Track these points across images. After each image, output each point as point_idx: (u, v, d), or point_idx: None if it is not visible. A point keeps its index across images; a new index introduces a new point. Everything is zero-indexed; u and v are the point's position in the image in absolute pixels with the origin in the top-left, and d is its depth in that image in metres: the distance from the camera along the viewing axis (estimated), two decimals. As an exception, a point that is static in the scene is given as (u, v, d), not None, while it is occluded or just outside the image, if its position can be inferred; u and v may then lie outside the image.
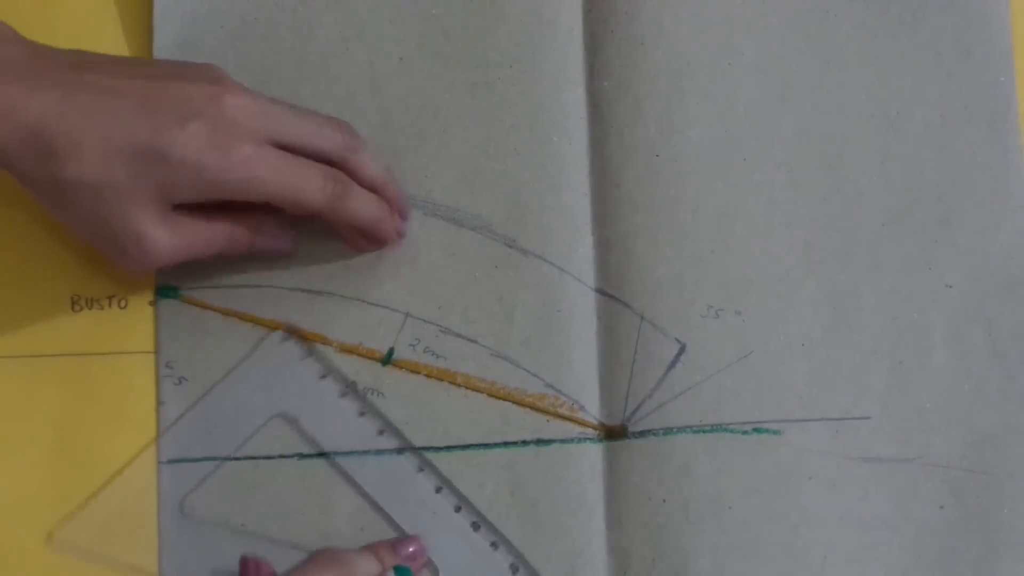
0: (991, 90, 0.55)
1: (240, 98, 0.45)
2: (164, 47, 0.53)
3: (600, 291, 0.53)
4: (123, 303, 0.51)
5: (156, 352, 0.51)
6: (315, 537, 0.50)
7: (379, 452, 0.51)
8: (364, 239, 0.51)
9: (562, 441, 0.51)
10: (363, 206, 0.49)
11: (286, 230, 0.50)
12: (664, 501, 0.51)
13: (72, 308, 0.51)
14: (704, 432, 0.51)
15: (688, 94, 0.54)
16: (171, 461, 0.50)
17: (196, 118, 0.44)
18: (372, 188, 0.49)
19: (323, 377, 0.51)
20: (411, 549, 0.49)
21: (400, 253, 0.52)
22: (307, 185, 0.46)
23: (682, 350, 0.52)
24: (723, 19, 0.55)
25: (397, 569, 0.47)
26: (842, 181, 0.54)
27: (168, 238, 0.45)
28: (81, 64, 0.45)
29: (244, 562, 0.48)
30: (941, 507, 0.52)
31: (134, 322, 0.51)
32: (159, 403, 0.51)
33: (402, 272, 0.52)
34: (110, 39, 0.53)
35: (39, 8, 0.53)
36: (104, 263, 0.50)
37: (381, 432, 0.51)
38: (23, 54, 0.44)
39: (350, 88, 0.53)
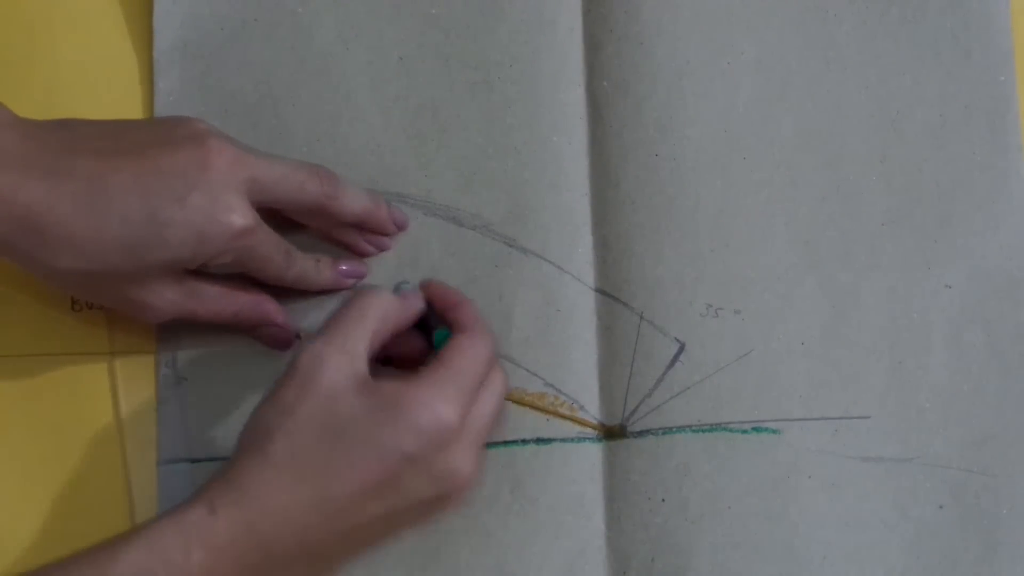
0: (991, 90, 0.55)
1: (226, 154, 0.45)
2: (164, 48, 0.53)
3: (599, 290, 0.53)
4: (123, 303, 0.51)
5: (156, 352, 0.51)
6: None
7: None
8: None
9: (562, 440, 0.51)
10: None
11: (289, 330, 0.50)
12: (663, 500, 0.51)
13: (72, 308, 0.51)
14: (703, 431, 0.52)
15: (688, 94, 0.54)
16: (171, 461, 0.50)
17: (191, 191, 0.43)
18: (358, 221, 0.50)
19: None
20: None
21: (400, 253, 0.52)
22: (279, 260, 0.48)
23: (681, 349, 0.52)
24: (723, 19, 0.55)
25: (438, 333, 0.48)
26: (842, 181, 0.54)
27: (178, 304, 0.46)
28: (72, 146, 0.43)
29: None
30: (940, 507, 0.52)
31: (134, 322, 0.51)
32: (159, 403, 0.51)
33: (402, 272, 0.52)
34: (110, 40, 0.53)
35: (40, 8, 0.53)
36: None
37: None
38: (14, 139, 0.42)
39: (350, 88, 0.53)
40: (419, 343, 0.49)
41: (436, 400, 0.43)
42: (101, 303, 0.46)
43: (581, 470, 0.51)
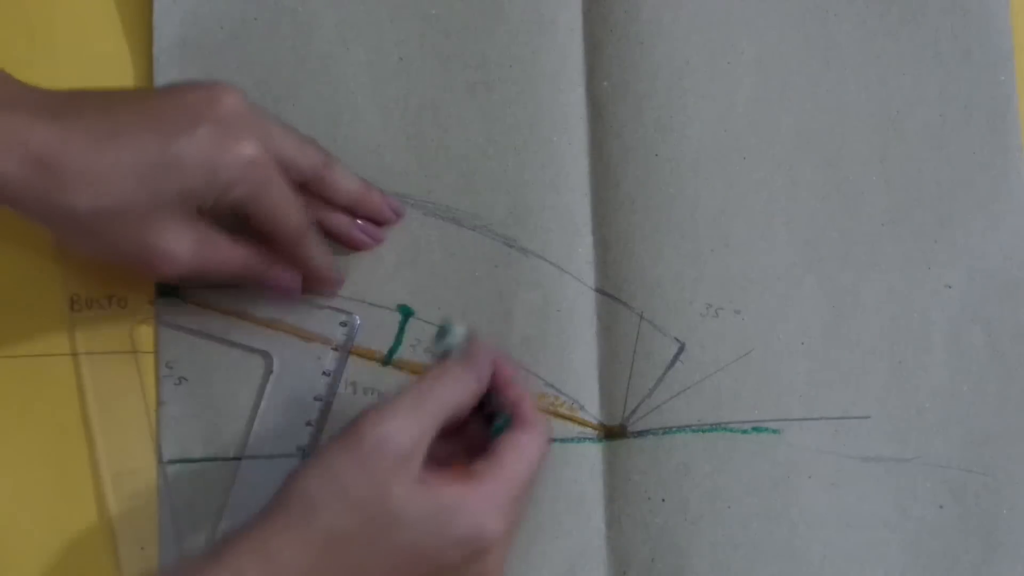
0: (991, 90, 0.55)
1: (235, 96, 0.45)
2: (164, 47, 0.53)
3: (599, 291, 0.53)
4: (123, 303, 0.51)
5: (156, 352, 0.51)
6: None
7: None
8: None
9: (562, 440, 0.51)
10: (313, 253, 0.49)
11: (297, 273, 0.50)
12: (663, 500, 0.51)
13: (72, 308, 0.51)
14: (703, 431, 0.52)
15: (688, 93, 0.54)
16: (171, 461, 0.50)
17: (203, 119, 0.44)
18: (351, 201, 0.50)
19: (324, 376, 0.51)
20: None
21: (400, 253, 0.52)
22: (289, 208, 0.47)
23: (681, 349, 0.52)
24: (723, 18, 0.55)
25: (497, 423, 0.46)
26: (842, 181, 0.54)
27: (193, 250, 0.45)
28: (75, 96, 0.44)
29: None
30: (940, 507, 0.52)
31: (134, 322, 0.51)
32: (159, 403, 0.51)
33: (402, 272, 0.52)
34: (110, 39, 0.53)
35: (40, 8, 0.53)
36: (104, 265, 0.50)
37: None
38: (19, 86, 0.43)
39: (350, 88, 0.53)
40: (474, 420, 0.47)
41: (488, 514, 0.42)
42: (117, 256, 0.45)
43: (581, 470, 0.51)
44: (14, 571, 0.49)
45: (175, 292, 0.51)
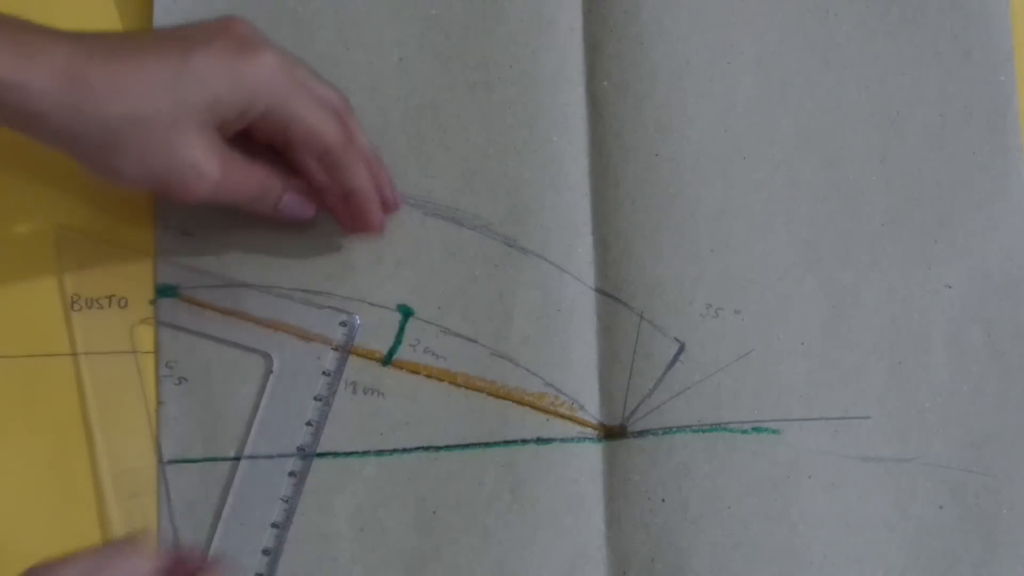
0: (991, 90, 0.55)
1: (248, 23, 0.46)
2: (164, 47, 0.53)
3: (599, 290, 0.53)
4: (123, 303, 0.51)
5: (156, 352, 0.51)
6: (315, 537, 0.50)
7: (379, 453, 0.51)
8: (350, 217, 0.50)
9: (562, 440, 0.51)
10: (361, 170, 0.48)
11: (311, 197, 0.49)
12: (663, 500, 0.51)
13: (72, 308, 0.51)
14: (703, 431, 0.52)
15: (687, 94, 0.54)
16: (171, 461, 0.50)
17: (218, 36, 0.45)
18: (365, 160, 0.49)
19: (324, 376, 0.51)
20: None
21: (400, 253, 0.52)
22: (324, 115, 0.47)
23: (681, 349, 0.52)
24: (723, 18, 0.55)
25: None
26: (842, 181, 0.54)
27: (219, 166, 0.45)
28: (94, 32, 0.45)
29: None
30: (940, 507, 0.52)
31: (134, 322, 0.51)
32: (159, 403, 0.51)
33: (402, 272, 0.52)
34: (110, 39, 0.53)
35: (39, 7, 0.53)
36: (103, 259, 0.51)
37: (381, 433, 0.51)
38: (39, 24, 0.44)
39: (350, 88, 0.53)
40: None
41: None
42: (146, 173, 0.45)
43: (581, 470, 0.51)
44: (14, 571, 0.49)
45: (175, 293, 0.51)
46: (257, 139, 0.47)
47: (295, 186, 0.49)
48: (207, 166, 0.45)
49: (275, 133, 0.47)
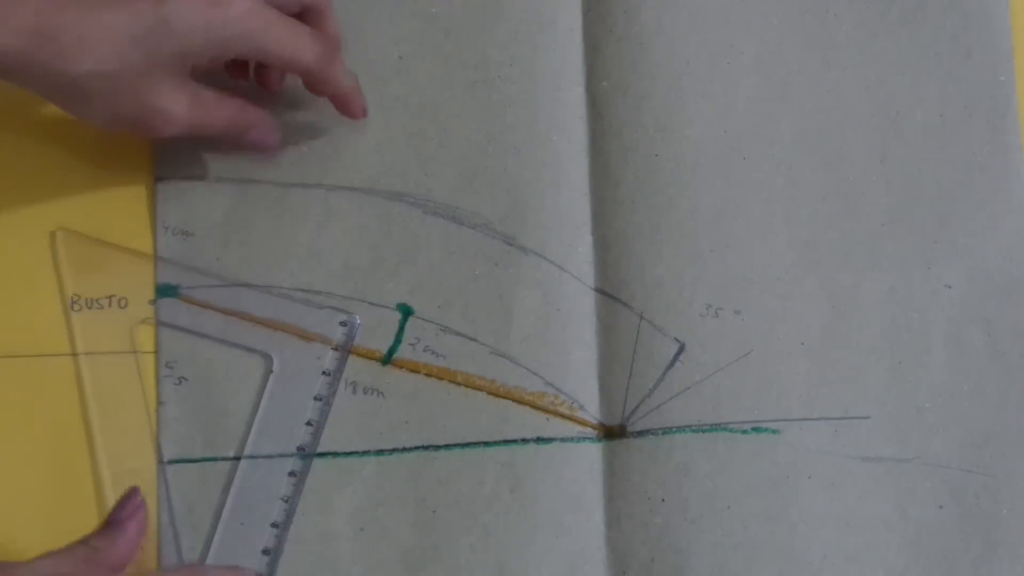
0: (991, 90, 0.55)
1: None
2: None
3: (599, 290, 0.53)
4: (123, 303, 0.51)
5: (156, 352, 0.51)
6: (315, 537, 0.50)
7: (379, 452, 0.51)
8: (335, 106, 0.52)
9: (562, 440, 0.51)
10: (340, 77, 0.50)
11: (276, 128, 0.51)
12: (663, 500, 0.51)
13: (72, 308, 0.51)
14: (703, 431, 0.52)
15: (687, 94, 0.54)
16: (171, 461, 0.50)
17: None
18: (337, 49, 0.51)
19: (324, 376, 0.51)
20: None
21: (400, 252, 0.52)
22: (300, 42, 0.48)
23: (681, 349, 0.52)
24: (723, 18, 0.55)
25: None
26: (842, 181, 0.54)
27: (188, 109, 0.46)
28: None
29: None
30: (940, 507, 0.52)
31: (134, 322, 0.51)
32: (159, 403, 0.51)
33: (402, 271, 0.52)
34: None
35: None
36: (103, 259, 0.51)
37: (381, 432, 0.51)
38: None
39: (350, 88, 0.53)
40: None
41: None
42: (115, 119, 0.46)
43: (581, 470, 0.51)
44: (14, 571, 0.49)
45: (175, 292, 0.51)
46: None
47: (262, 118, 0.50)
48: (175, 110, 0.46)
49: (252, 59, 0.48)
